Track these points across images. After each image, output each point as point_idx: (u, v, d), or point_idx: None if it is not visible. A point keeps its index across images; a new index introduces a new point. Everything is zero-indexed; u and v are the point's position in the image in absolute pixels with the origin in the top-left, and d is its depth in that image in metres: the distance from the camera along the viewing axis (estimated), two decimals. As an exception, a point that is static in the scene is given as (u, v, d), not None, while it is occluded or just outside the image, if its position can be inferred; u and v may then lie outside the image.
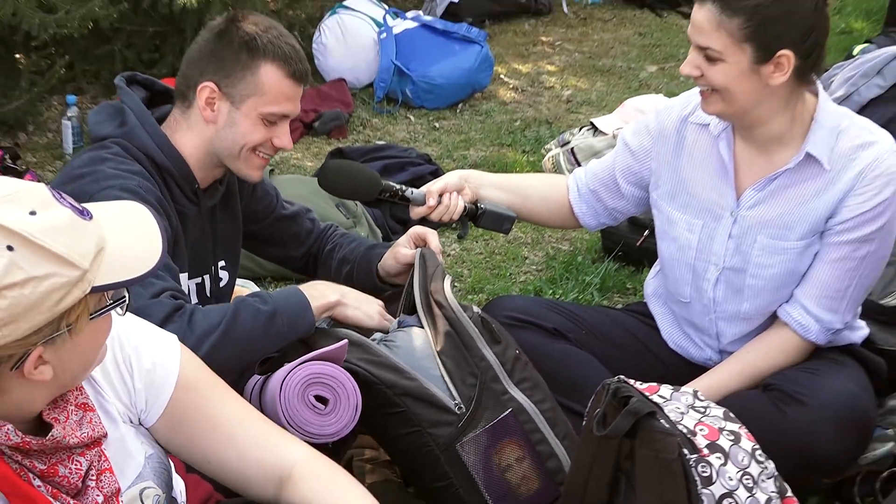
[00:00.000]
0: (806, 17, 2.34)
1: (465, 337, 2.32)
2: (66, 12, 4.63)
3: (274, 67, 2.35)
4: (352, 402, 2.19)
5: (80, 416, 1.66)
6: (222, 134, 2.39)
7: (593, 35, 6.49)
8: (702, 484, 1.94)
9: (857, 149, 2.43)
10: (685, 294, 2.65)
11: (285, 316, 2.30)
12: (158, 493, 1.79)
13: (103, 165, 2.30)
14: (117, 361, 1.78)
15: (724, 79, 2.37)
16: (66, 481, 1.63)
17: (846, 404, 2.40)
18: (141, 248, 1.56)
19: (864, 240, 2.44)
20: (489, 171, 4.42)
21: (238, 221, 2.66)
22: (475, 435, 2.26)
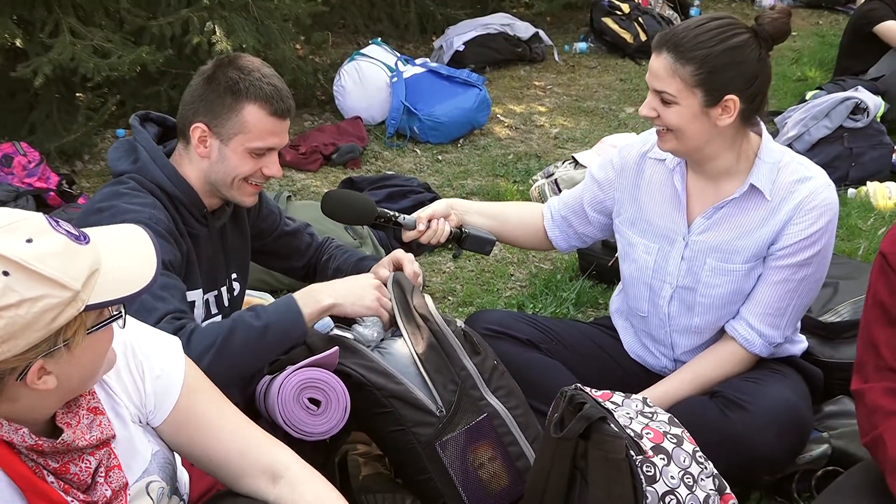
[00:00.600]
0: (750, 67, 2.32)
1: (447, 348, 2.34)
2: (118, 57, 4.64)
3: (256, 108, 2.31)
4: (341, 405, 2.19)
5: (91, 420, 1.64)
6: (215, 167, 2.36)
7: (580, 80, 6.46)
8: (646, 482, 1.91)
9: (796, 183, 2.40)
10: (643, 309, 2.61)
11: (277, 329, 2.26)
12: (163, 486, 1.78)
13: (119, 200, 2.28)
14: (130, 367, 1.76)
15: (678, 120, 2.35)
16: (76, 478, 1.62)
17: (784, 410, 2.38)
18: (136, 269, 1.54)
19: (802, 264, 2.41)
20: (484, 199, 4.45)
21: (247, 236, 2.65)
22: (453, 435, 2.28)
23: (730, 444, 2.28)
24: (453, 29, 6.54)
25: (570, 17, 7.68)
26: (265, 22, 5.18)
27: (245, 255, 2.67)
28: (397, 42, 6.69)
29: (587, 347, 2.72)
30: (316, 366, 2.22)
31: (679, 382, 2.49)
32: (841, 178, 4.46)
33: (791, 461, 2.46)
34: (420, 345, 2.32)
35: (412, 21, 6.93)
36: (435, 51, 6.46)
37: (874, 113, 4.68)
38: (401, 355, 2.34)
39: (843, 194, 4.38)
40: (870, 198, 4.35)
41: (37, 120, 4.93)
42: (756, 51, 2.33)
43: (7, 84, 4.99)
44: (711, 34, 2.31)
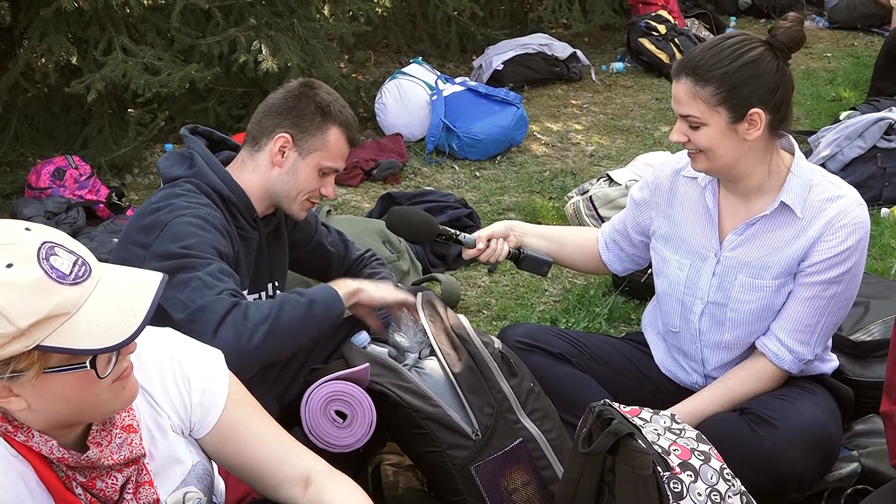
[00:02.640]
0: (770, 78, 2.30)
1: (485, 370, 2.30)
2: (168, 74, 4.71)
3: (339, 131, 2.45)
4: (367, 420, 2.19)
5: (122, 440, 1.63)
6: (284, 178, 2.45)
7: (616, 99, 6.42)
8: (673, 498, 1.87)
9: (827, 201, 2.37)
10: (675, 325, 2.59)
11: (320, 304, 2.32)
12: (200, 497, 1.77)
13: (177, 199, 2.34)
14: (177, 380, 1.76)
15: (707, 141, 2.33)
16: (103, 494, 1.61)
17: (813, 428, 2.34)
18: (115, 325, 1.47)
19: (832, 281, 2.37)
20: (520, 216, 4.42)
21: (286, 247, 2.69)
22: (488, 460, 2.25)
23: (758, 461, 2.25)
24: (493, 49, 6.54)
25: (607, 37, 7.65)
26: (310, 41, 5.23)
27: (284, 265, 2.70)
28: (438, 61, 6.70)
29: (618, 362, 2.69)
30: (346, 379, 2.21)
31: (709, 398, 2.45)
32: (874, 198, 4.41)
33: (820, 479, 2.43)
34: (457, 365, 2.28)
35: (453, 41, 6.93)
36: (474, 70, 6.46)
37: (908, 133, 4.62)
38: (437, 375, 2.31)
39: (877, 213, 4.32)
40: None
41: (89, 134, 5.01)
42: (773, 62, 2.31)
43: (61, 99, 5.08)
44: (726, 52, 2.30)
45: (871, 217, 4.09)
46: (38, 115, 5.10)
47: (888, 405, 2.00)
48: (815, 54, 7.33)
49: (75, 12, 4.56)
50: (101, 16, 4.74)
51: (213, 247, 2.28)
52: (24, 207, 4.20)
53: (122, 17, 4.91)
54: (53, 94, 5.16)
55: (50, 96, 5.19)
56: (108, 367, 1.51)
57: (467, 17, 6.90)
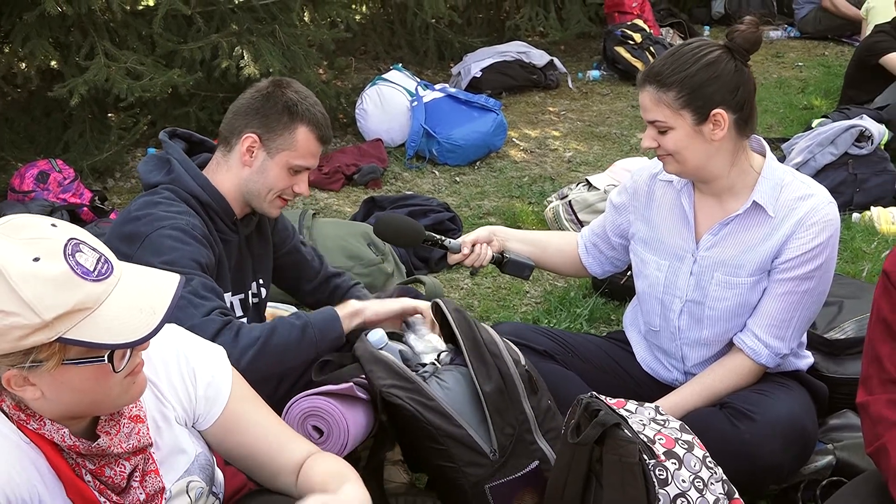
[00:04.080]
0: (729, 78, 2.37)
1: (512, 391, 2.24)
2: (150, 79, 4.73)
3: (308, 130, 2.45)
4: (341, 440, 2.16)
5: (130, 429, 1.68)
6: (254, 177, 2.46)
7: (593, 106, 6.51)
8: (658, 485, 1.93)
9: (798, 200, 2.44)
10: (655, 323, 2.65)
11: (315, 327, 2.33)
12: (202, 486, 1.82)
13: (156, 209, 2.35)
14: (182, 374, 1.81)
15: (675, 144, 2.40)
16: (111, 481, 1.66)
17: (790, 422, 2.39)
18: (134, 322, 1.52)
19: (805, 277, 2.44)
20: (499, 220, 4.48)
21: (269, 245, 2.72)
22: (503, 481, 2.21)
23: (738, 454, 2.30)
24: (471, 56, 6.61)
25: (583, 45, 7.74)
26: (291, 47, 5.26)
27: (268, 263, 2.73)
28: (417, 68, 6.75)
29: (601, 359, 2.75)
30: (331, 395, 2.21)
31: (689, 394, 2.51)
32: (846, 203, 4.48)
33: (796, 471, 2.48)
34: (487, 384, 2.21)
35: (431, 48, 7.00)
36: (453, 77, 6.53)
37: (878, 140, 4.70)
38: (460, 389, 2.25)
39: (848, 218, 4.39)
40: (874, 222, 4.37)
41: (71, 138, 5.02)
42: (732, 63, 2.37)
43: (43, 104, 5.09)
44: (685, 57, 2.37)
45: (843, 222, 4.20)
46: (19, 119, 5.12)
47: (864, 396, 2.07)
48: (787, 64, 7.44)
49: (58, 17, 4.55)
50: (84, 21, 4.76)
51: (194, 259, 2.29)
52: (7, 210, 4.21)
53: (104, 23, 4.93)
54: (35, 98, 5.17)
55: (31, 100, 5.20)
56: (123, 362, 1.56)
57: (445, 24, 6.98)
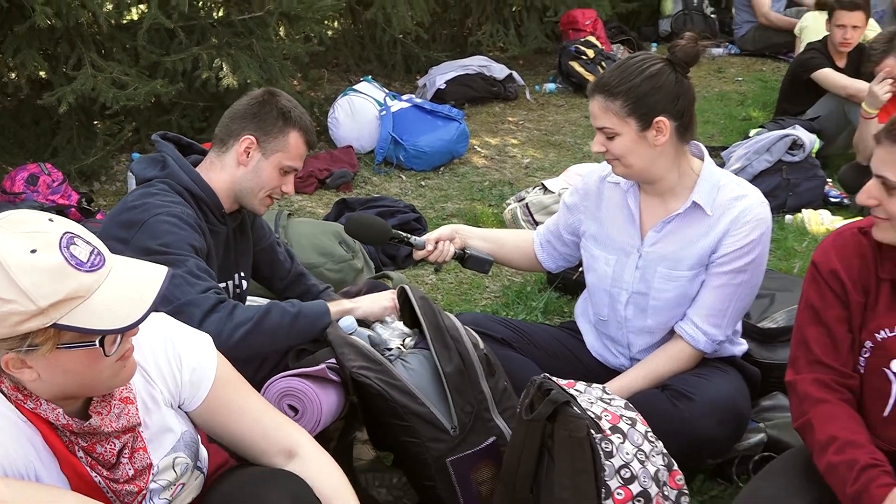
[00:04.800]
0: (671, 89, 2.42)
1: (471, 372, 2.30)
2: (135, 89, 4.72)
3: (299, 134, 2.54)
4: (315, 418, 2.20)
5: (120, 410, 1.70)
6: (248, 175, 2.52)
7: (549, 117, 6.55)
8: (605, 457, 1.97)
9: (733, 200, 2.49)
10: (604, 314, 2.70)
11: (307, 317, 2.38)
12: (187, 462, 1.84)
13: (152, 199, 2.39)
14: (169, 359, 1.83)
15: (621, 149, 2.45)
16: (101, 457, 1.68)
17: (725, 402, 2.45)
18: (124, 309, 1.55)
19: (739, 271, 2.49)
20: (462, 221, 4.52)
21: (250, 241, 2.76)
22: (463, 455, 2.25)
23: (678, 431, 2.34)
24: (436, 69, 6.63)
25: (540, 60, 7.78)
26: (267, 60, 5.27)
27: (249, 257, 2.76)
28: (385, 80, 6.76)
29: (554, 347, 2.79)
30: (305, 377, 2.25)
31: (635, 377, 2.56)
32: (779, 206, 4.55)
33: (731, 447, 2.53)
34: (448, 366, 2.27)
35: (399, 61, 7.02)
36: (419, 88, 6.54)
37: (809, 149, 4.77)
38: (423, 370, 2.30)
39: (781, 220, 4.47)
40: (804, 223, 4.44)
41: (59, 144, 5.00)
42: (673, 75, 2.43)
43: (32, 111, 5.07)
44: (631, 69, 2.43)
45: (777, 223, 4.28)
46: (10, 126, 5.09)
47: (792, 375, 2.13)
48: (727, 78, 7.51)
49: (47, 29, 4.54)
50: (72, 33, 4.74)
51: (189, 244, 2.34)
52: None
53: (91, 35, 4.92)
54: (25, 106, 5.15)
55: (21, 108, 5.18)
56: (113, 347, 1.59)
57: (412, 39, 6.99)
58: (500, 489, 2.19)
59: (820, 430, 2.03)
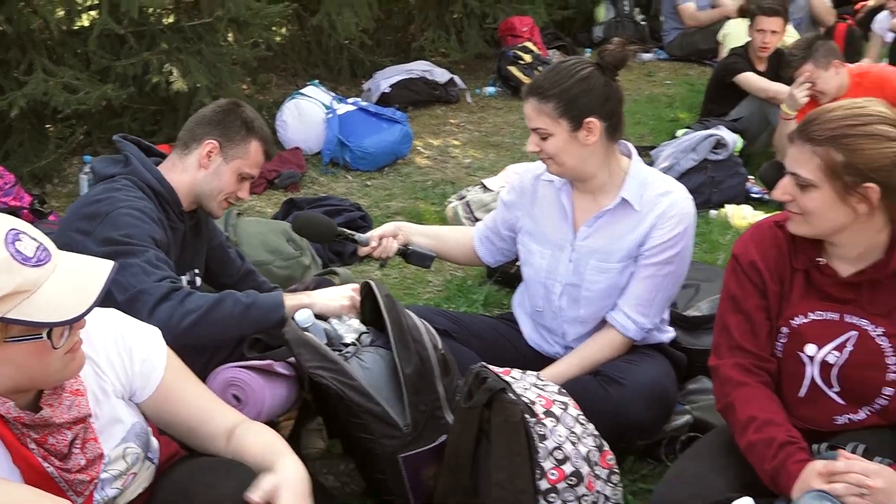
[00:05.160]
0: (600, 91, 2.45)
1: (428, 374, 2.26)
2: (86, 93, 4.64)
3: (259, 144, 2.58)
4: (256, 408, 2.19)
5: (71, 402, 1.68)
6: (208, 178, 2.54)
7: (489, 119, 6.57)
8: (538, 440, 1.99)
9: (660, 196, 2.53)
10: (540, 304, 2.71)
11: (260, 308, 2.35)
12: (137, 452, 1.83)
13: (117, 193, 2.40)
14: (120, 351, 1.82)
15: (554, 148, 2.48)
16: (53, 448, 1.66)
17: (653, 387, 2.48)
18: (70, 302, 1.54)
19: (665, 262, 2.53)
20: (406, 219, 4.51)
21: (204, 241, 2.75)
22: (414, 452, 2.22)
23: (609, 414, 2.36)
24: (380, 73, 6.61)
25: (480, 65, 7.78)
26: (217, 64, 5.21)
27: (203, 256, 2.76)
28: (332, 84, 6.72)
29: (493, 337, 2.79)
30: (251, 368, 2.24)
31: (568, 365, 2.58)
32: (705, 202, 4.57)
33: (659, 429, 2.56)
34: (408, 367, 2.22)
35: (344, 66, 6.99)
36: (364, 92, 6.52)
37: (732, 148, 4.83)
38: (379, 369, 2.26)
39: (706, 215, 4.51)
40: (728, 218, 4.49)
41: (11, 147, 4.88)
42: (602, 78, 2.46)
43: (-16, 115, 4.95)
44: (563, 73, 2.45)
45: (702, 217, 4.35)
46: (-38, 130, 4.98)
47: (715, 360, 2.17)
48: (656, 82, 7.59)
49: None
50: (23, 39, 4.65)
51: (150, 236, 2.34)
52: (-49, 213, 4.09)
53: (42, 41, 4.83)
54: (-26, 110, 5.03)
55: (-29, 112, 5.06)
56: (61, 339, 1.57)
57: (357, 45, 6.96)
58: (442, 475, 2.19)
59: (741, 411, 2.07)
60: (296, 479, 1.75)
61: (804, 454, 1.99)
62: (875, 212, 1.99)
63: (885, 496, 1.84)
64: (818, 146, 1.97)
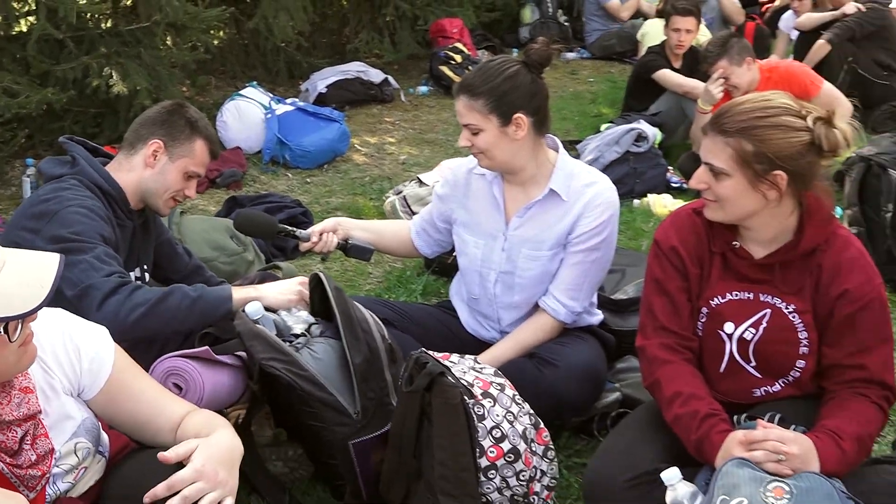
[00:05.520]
0: (527, 88, 2.47)
1: (377, 362, 2.25)
2: (26, 97, 4.52)
3: (204, 143, 2.54)
4: (197, 394, 2.16)
5: (21, 399, 1.64)
6: (155, 177, 2.49)
7: (422, 117, 6.56)
8: (477, 420, 2.00)
9: (585, 186, 2.55)
10: (476, 292, 2.72)
11: (207, 302, 2.33)
12: (88, 446, 1.79)
13: (65, 192, 2.35)
14: (68, 350, 1.78)
15: (485, 143, 2.49)
16: (3, 445, 1.63)
17: (585, 367, 2.51)
18: (24, 295, 1.52)
19: (593, 249, 2.56)
20: (345, 214, 4.49)
21: (152, 238, 2.70)
22: (364, 439, 2.21)
23: (544, 394, 2.39)
24: (317, 74, 6.56)
25: (413, 65, 7.76)
26: (156, 67, 5.11)
27: (150, 253, 2.72)
28: (270, 85, 6.64)
29: (432, 324, 2.80)
30: (190, 357, 2.20)
31: (504, 348, 2.59)
32: (628, 192, 4.63)
33: (591, 406, 2.59)
34: (358, 357, 2.21)
35: (282, 68, 6.91)
36: (302, 92, 6.45)
37: (652, 140, 4.89)
38: (329, 359, 2.23)
39: (630, 204, 4.57)
40: (650, 207, 4.55)
41: (-50, 150, 4.74)
42: (528, 75, 2.47)
43: (-80, 120, 4.79)
44: (491, 71, 2.46)
45: (626, 206, 4.41)
46: None
47: (641, 340, 2.20)
48: (580, 80, 7.65)
49: (-66, 41, 4.32)
50: (-40, 44, 4.52)
51: (99, 233, 2.30)
52: None
53: (-21, 46, 4.69)
54: (-85, 115, 4.85)
55: (-88, 117, 4.88)
56: (16, 333, 1.54)
57: (294, 47, 6.89)
58: (388, 455, 2.19)
59: (667, 387, 2.11)
60: (217, 444, 1.70)
61: (726, 425, 2.03)
62: (784, 197, 2.04)
63: (801, 462, 1.89)
64: (730, 137, 2.02)
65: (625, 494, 2.09)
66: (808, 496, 1.82)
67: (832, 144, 1.98)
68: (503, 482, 2.02)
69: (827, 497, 1.82)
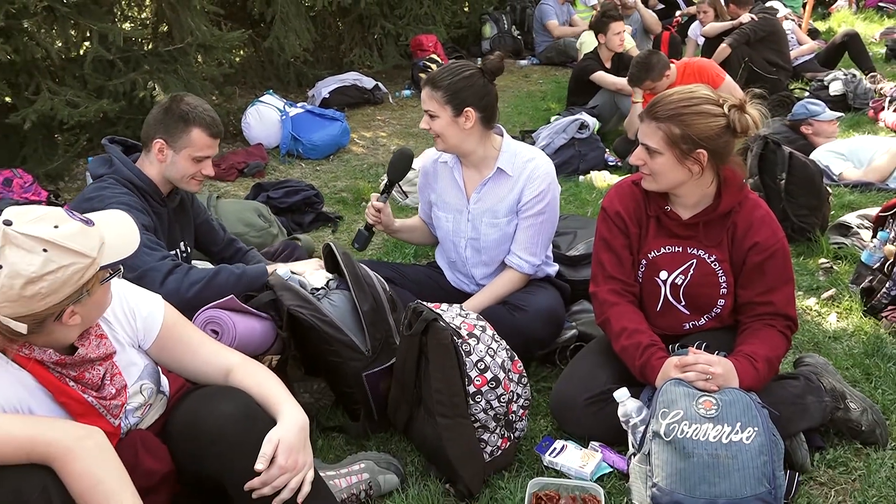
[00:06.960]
0: (479, 89, 2.42)
1: (381, 309, 2.24)
2: (86, 107, 4.39)
3: (201, 130, 2.35)
4: (231, 335, 2.10)
5: (98, 342, 1.62)
6: (170, 168, 2.37)
7: (407, 115, 6.47)
8: (465, 355, 1.98)
9: (526, 162, 2.51)
10: (452, 257, 2.70)
11: (249, 277, 2.29)
12: (151, 387, 1.77)
13: (104, 191, 2.26)
14: (125, 310, 1.74)
15: (439, 127, 2.44)
16: (90, 381, 1.60)
17: (548, 310, 2.50)
18: (125, 240, 1.52)
19: (539, 213, 2.52)
20: (349, 195, 4.43)
21: (190, 216, 2.63)
22: (374, 371, 2.20)
23: (515, 333, 2.37)
24: (321, 83, 6.45)
25: (398, 73, 7.67)
26: (190, 80, 4.99)
27: (191, 228, 2.64)
28: (283, 92, 6.54)
29: (424, 281, 2.77)
30: (223, 307, 2.16)
31: (482, 298, 2.57)
32: (574, 170, 4.62)
33: (553, 341, 2.58)
34: (365, 305, 2.20)
35: (292, 78, 6.81)
36: (309, 98, 6.36)
37: (592, 128, 4.88)
38: (344, 307, 2.23)
39: (576, 180, 4.54)
40: (592, 181, 4.51)
41: (27, 153, 4.60)
42: (482, 79, 2.42)
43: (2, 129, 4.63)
44: (452, 71, 2.41)
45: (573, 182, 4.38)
46: (-16, 142, 4.67)
47: (593, 287, 2.19)
48: (532, 81, 7.59)
49: (8, 63, 4.17)
50: (30, 66, 4.37)
51: (140, 223, 2.22)
52: (-18, 209, 3.84)
53: (46, 67, 4.54)
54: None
55: (-8, 127, 4.75)
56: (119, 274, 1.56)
57: (301, 61, 6.78)
58: (394, 386, 2.17)
59: (615, 324, 2.10)
60: (290, 429, 1.61)
61: (663, 353, 2.02)
62: (705, 170, 2.02)
63: (724, 380, 1.89)
64: (661, 122, 1.99)
65: (584, 410, 2.09)
66: (731, 407, 1.82)
67: (744, 127, 1.96)
68: (487, 404, 2.00)
69: (746, 407, 1.82)
